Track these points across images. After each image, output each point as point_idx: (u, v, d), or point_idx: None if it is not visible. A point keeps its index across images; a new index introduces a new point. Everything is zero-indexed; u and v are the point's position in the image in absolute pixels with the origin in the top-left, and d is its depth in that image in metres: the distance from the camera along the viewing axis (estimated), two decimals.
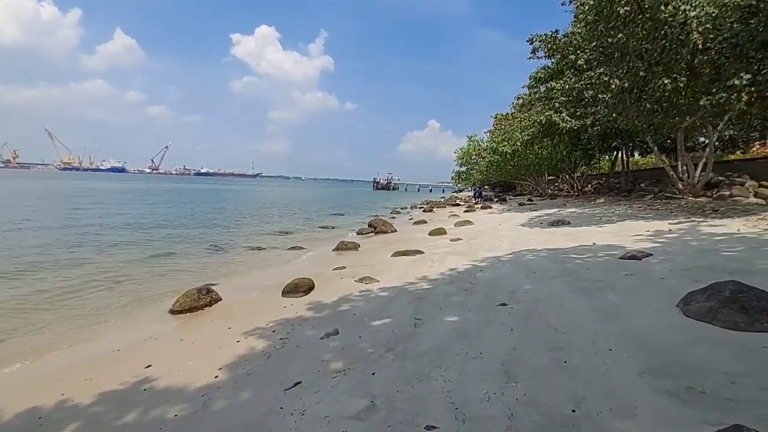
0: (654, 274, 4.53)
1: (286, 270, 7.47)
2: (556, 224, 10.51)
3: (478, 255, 7.16)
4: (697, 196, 13.01)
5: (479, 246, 8.32)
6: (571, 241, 7.62)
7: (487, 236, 9.84)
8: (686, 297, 3.37)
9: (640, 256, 5.44)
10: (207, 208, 22.01)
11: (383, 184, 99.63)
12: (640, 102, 8.42)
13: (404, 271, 6.44)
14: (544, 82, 19.48)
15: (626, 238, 7.26)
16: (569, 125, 14.39)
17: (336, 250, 9.79)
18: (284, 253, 9.53)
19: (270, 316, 4.58)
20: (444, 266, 6.43)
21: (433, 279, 5.62)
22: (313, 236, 12.79)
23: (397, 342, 3.35)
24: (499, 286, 4.81)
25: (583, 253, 6.18)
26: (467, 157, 31.07)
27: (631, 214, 10.95)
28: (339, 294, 5.27)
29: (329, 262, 8.12)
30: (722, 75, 7.52)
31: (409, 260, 7.44)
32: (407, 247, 9.15)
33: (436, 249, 8.54)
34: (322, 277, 6.52)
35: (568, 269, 5.22)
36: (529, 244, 7.75)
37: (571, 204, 17.32)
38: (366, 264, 7.47)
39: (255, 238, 11.89)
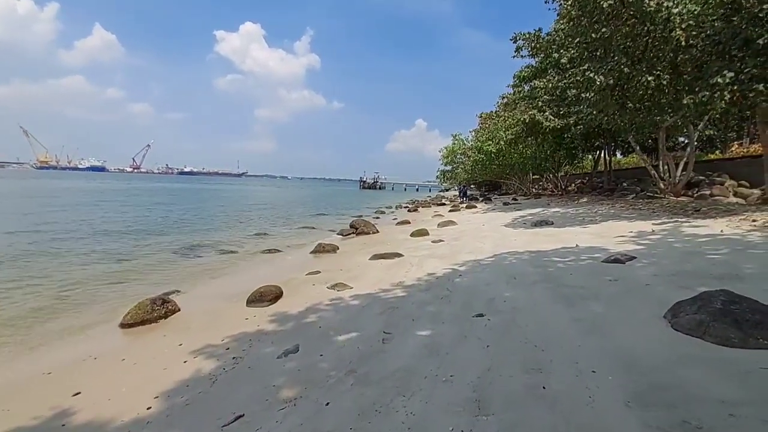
0: (638, 279, 4.29)
1: (256, 276, 7.04)
2: (540, 225, 10.33)
3: (458, 258, 6.87)
4: (678, 195, 13.03)
5: (461, 248, 8.03)
6: (553, 242, 7.40)
7: (470, 237, 9.58)
8: (674, 307, 3.11)
9: (623, 259, 5.22)
10: (183, 209, 21.25)
11: (370, 184, 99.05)
12: (623, 99, 8.27)
13: (380, 276, 6.10)
14: (528, 81, 19.41)
15: (609, 239, 7.06)
16: (553, 124, 14.28)
17: (313, 253, 9.39)
18: (258, 257, 9.08)
19: (228, 329, 4.18)
20: (422, 271, 6.11)
21: (409, 285, 5.29)
22: (291, 238, 12.34)
23: (361, 361, 3.00)
24: (477, 293, 4.51)
25: (565, 256, 5.94)
26: (452, 156, 30.91)
27: (614, 214, 10.85)
28: (308, 303, 4.90)
29: (304, 266, 7.72)
30: (705, 73, 7.39)
31: (387, 264, 7.11)
32: (387, 249, 8.83)
33: (416, 251, 8.23)
34: (293, 284, 6.14)
35: (549, 274, 4.96)
36: (511, 246, 7.50)
37: (555, 203, 17.27)
38: (342, 268, 7.11)
39: (230, 241, 11.37)
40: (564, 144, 18.38)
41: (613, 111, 8.30)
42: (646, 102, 8.32)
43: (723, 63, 7.16)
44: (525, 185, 29.82)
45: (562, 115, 14.53)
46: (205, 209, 21.80)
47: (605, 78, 7.95)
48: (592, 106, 8.95)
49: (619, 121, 10.33)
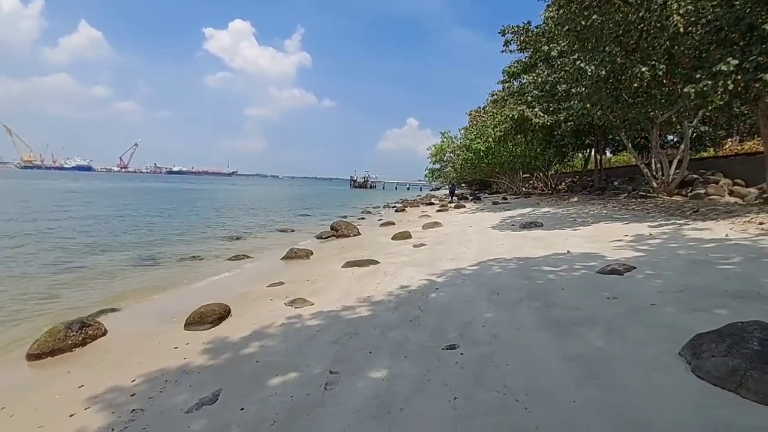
0: (641, 296, 3.63)
1: (211, 288, 6.28)
2: (528, 227, 9.69)
3: (438, 266, 6.17)
4: (671, 194, 12.52)
5: (442, 254, 7.35)
6: (543, 247, 6.75)
7: (454, 241, 8.90)
8: (693, 343, 2.43)
9: (621, 269, 4.56)
10: (157, 210, 20.25)
11: (360, 183, 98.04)
12: (617, 92, 7.66)
13: (348, 288, 5.38)
14: (517, 77, 18.84)
15: (604, 244, 6.43)
16: (542, 121, 13.68)
17: (284, 259, 8.64)
18: (222, 265, 8.29)
19: (149, 363, 3.42)
20: (396, 282, 5.40)
21: (377, 301, 4.57)
22: (265, 242, 11.55)
23: (288, 420, 2.27)
24: (452, 313, 3.81)
25: (556, 265, 5.27)
26: (441, 154, 30.25)
27: (606, 215, 10.26)
28: (256, 325, 4.16)
29: (269, 275, 6.96)
30: (706, 61, 6.79)
31: (360, 273, 6.38)
32: (364, 254, 8.12)
33: (394, 257, 7.52)
34: (248, 299, 5.39)
35: (538, 288, 4.28)
36: (496, 252, 6.83)
37: (545, 203, 16.71)
38: (309, 278, 6.37)
39: (197, 245, 10.55)
40: (554, 142, 17.84)
41: (607, 105, 7.68)
42: (641, 95, 7.71)
43: (725, 51, 6.56)
44: (515, 184, 29.32)
45: (552, 111, 13.96)
46: (181, 210, 20.81)
47: (597, 69, 7.32)
48: (584, 99, 8.33)
49: (612, 116, 9.74)
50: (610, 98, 7.72)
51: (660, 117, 8.62)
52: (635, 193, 14.21)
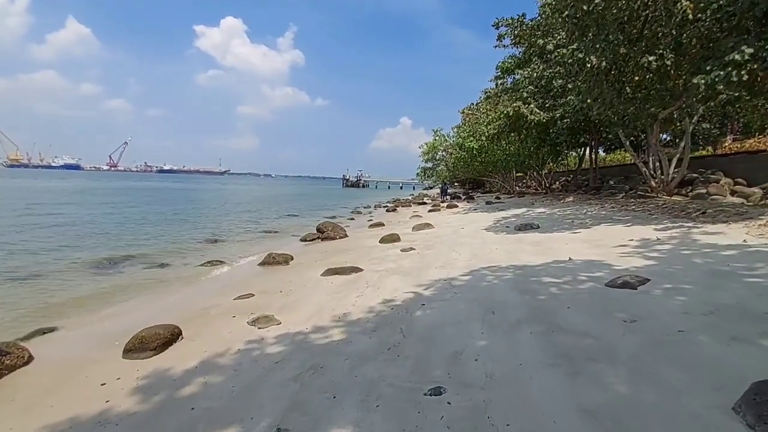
0: (665, 320, 3.04)
1: (169, 301, 5.61)
2: (524, 229, 9.11)
3: (426, 275, 5.55)
4: (671, 194, 12.05)
5: (432, 260, 6.73)
6: (541, 253, 6.16)
7: (445, 245, 8.28)
8: (756, 398, 1.83)
9: (634, 282, 3.97)
10: (134, 212, 19.40)
11: (353, 182, 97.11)
12: (619, 84, 7.10)
13: (323, 303, 4.73)
14: (511, 73, 18.29)
15: (608, 250, 5.86)
16: (538, 118, 13.13)
17: (262, 265, 7.96)
18: (190, 272, 7.59)
19: (63, 407, 2.76)
20: (378, 295, 4.77)
21: (353, 320, 3.94)
22: (244, 245, 10.85)
23: None
24: (440, 339, 3.19)
25: (558, 276, 4.67)
26: (433, 153, 29.66)
27: (605, 216, 9.72)
28: (207, 352, 3.50)
29: (240, 284, 6.29)
30: (717, 50, 6.24)
31: (339, 283, 5.74)
32: (347, 260, 7.50)
33: (379, 264, 6.89)
34: (208, 316, 4.72)
35: (540, 306, 3.67)
36: (491, 258, 6.23)
37: (540, 203, 16.20)
38: (283, 289, 5.71)
39: (169, 250, 9.82)
40: (548, 140, 17.33)
41: (609, 99, 7.12)
42: (645, 88, 7.16)
43: (738, 39, 6.00)
44: (508, 183, 28.85)
45: (548, 107, 13.41)
46: (160, 211, 19.95)
47: (598, 60, 6.74)
48: (583, 94, 7.75)
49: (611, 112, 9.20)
50: (612, 92, 7.16)
51: (663, 112, 8.07)
52: (633, 192, 13.73)
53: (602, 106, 7.36)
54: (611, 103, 7.29)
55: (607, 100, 7.12)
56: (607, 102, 7.22)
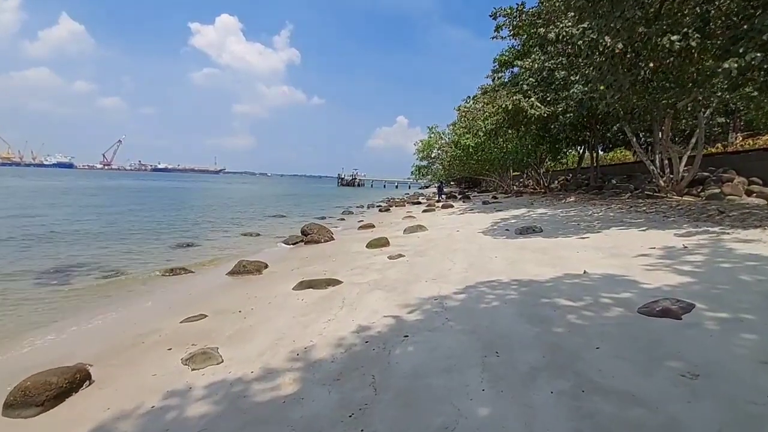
0: (741, 375, 2.15)
1: (103, 323, 4.66)
2: (526, 232, 8.24)
3: (414, 291, 4.65)
4: (681, 194, 11.24)
5: (422, 270, 5.82)
6: (549, 264, 5.27)
7: (438, 251, 7.39)
8: None
9: (676, 309, 3.09)
10: (115, 210, 18.37)
11: (348, 181, 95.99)
12: (636, 69, 6.23)
13: (284, 330, 3.81)
14: (510, 66, 17.42)
15: (628, 261, 4.98)
16: (538, 112, 12.25)
17: (231, 274, 7.04)
18: (146, 283, 6.63)
19: None
20: (352, 320, 3.86)
21: (314, 361, 3.03)
22: (219, 250, 9.88)
23: None
24: (423, 399, 2.28)
25: (574, 296, 3.78)
26: (428, 151, 28.74)
27: (614, 218, 8.86)
28: (108, 411, 2.59)
29: (195, 301, 5.37)
30: (751, 30, 5.37)
31: (311, 300, 4.82)
32: (326, 270, 6.60)
33: (362, 275, 5.98)
34: (140, 348, 3.79)
35: (558, 345, 2.78)
36: (490, 269, 5.34)
37: (540, 203, 15.34)
38: (243, 307, 4.78)
39: (135, 255, 8.86)
40: (549, 136, 16.47)
41: (625, 87, 6.23)
42: (664, 73, 6.30)
43: None
44: (505, 182, 28.02)
45: (549, 101, 12.54)
46: (141, 211, 18.89)
47: (613, 40, 5.85)
48: (594, 81, 6.85)
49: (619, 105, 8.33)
50: (628, 78, 6.28)
51: (682, 102, 7.20)
52: (639, 192, 12.90)
53: (616, 93, 6.48)
54: (626, 91, 6.41)
55: (623, 87, 6.25)
56: (622, 90, 6.35)
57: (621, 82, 6.21)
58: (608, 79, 6.39)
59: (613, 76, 6.33)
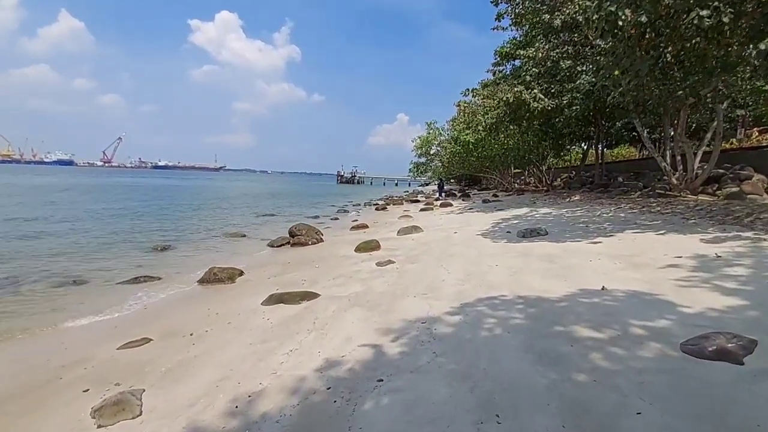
0: None
1: (26, 350, 3.91)
2: (530, 235, 7.48)
3: (399, 310, 3.90)
4: (695, 193, 10.47)
5: (412, 280, 5.08)
6: (559, 275, 4.52)
7: (432, 256, 6.64)
8: None
9: (734, 347, 2.35)
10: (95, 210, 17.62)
11: (347, 178, 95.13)
12: (657, 51, 5.44)
13: (234, 366, 3.07)
14: (512, 58, 16.59)
15: (654, 273, 4.22)
16: (542, 105, 11.45)
17: (201, 283, 6.31)
18: (102, 294, 5.88)
19: None
20: (318, 352, 3.11)
21: (255, 421, 2.28)
22: (196, 253, 9.11)
23: None
24: None
25: (595, 323, 3.03)
26: (426, 147, 27.92)
27: (626, 219, 8.10)
28: None
29: (148, 318, 4.64)
30: None
31: (278, 319, 4.09)
32: (305, 279, 5.89)
33: (344, 285, 5.24)
34: (54, 386, 3.06)
35: (584, 405, 2.02)
36: (490, 282, 4.59)
37: (542, 202, 14.57)
38: (195, 330, 4.03)
39: (100, 259, 8.11)
40: (552, 132, 15.68)
41: (644, 71, 5.43)
42: (690, 55, 5.52)
43: None
44: (506, 180, 27.22)
45: (554, 93, 11.74)
46: (120, 208, 18.09)
47: (634, 14, 5.06)
48: (608, 66, 6.05)
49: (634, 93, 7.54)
50: (647, 62, 5.49)
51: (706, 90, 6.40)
52: (649, 191, 12.12)
53: (633, 80, 5.68)
54: (644, 77, 5.62)
55: (641, 72, 5.47)
56: (639, 75, 5.56)
57: (639, 67, 5.43)
58: (624, 63, 5.60)
59: (629, 60, 5.55)
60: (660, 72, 5.90)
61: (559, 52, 11.32)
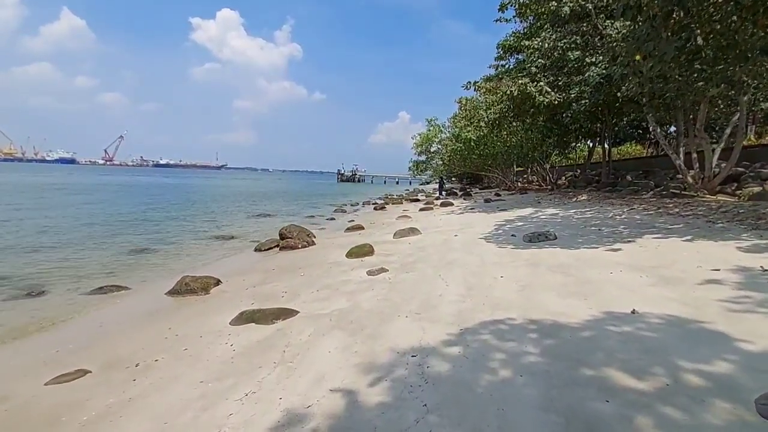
0: None
1: None
2: (537, 240, 6.80)
3: (386, 336, 3.25)
4: (714, 192, 9.78)
5: (405, 295, 4.42)
6: (577, 292, 3.85)
7: (430, 263, 5.98)
8: None
9: None
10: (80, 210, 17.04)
11: (348, 176, 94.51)
12: (686, 32, 4.76)
13: (169, 416, 2.42)
14: (515, 52, 15.87)
15: (690, 290, 3.55)
16: (548, 99, 10.75)
17: (171, 294, 5.66)
18: (63, 303, 5.26)
19: None
20: (280, 398, 2.46)
21: None
22: (179, 258, 8.47)
23: None
24: None
25: (632, 366, 2.36)
26: (426, 145, 27.19)
27: (642, 222, 7.42)
28: None
29: (98, 339, 4.00)
30: None
31: (242, 347, 3.43)
32: (286, 290, 5.26)
33: (327, 300, 4.59)
34: None
35: None
36: (496, 299, 3.92)
37: (547, 201, 13.88)
38: (145, 358, 3.39)
39: (74, 262, 7.49)
40: (557, 128, 14.96)
41: (669, 52, 4.74)
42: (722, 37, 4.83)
43: None
44: (508, 178, 26.49)
45: (561, 87, 11.04)
46: (109, 208, 17.50)
47: None
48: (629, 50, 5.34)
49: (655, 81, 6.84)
50: (674, 44, 4.80)
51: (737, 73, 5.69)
52: (661, 190, 11.42)
53: (656, 65, 4.98)
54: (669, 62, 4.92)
55: (666, 56, 4.78)
56: (664, 60, 4.86)
57: (664, 50, 4.74)
58: (647, 46, 4.91)
59: (653, 43, 4.85)
60: (687, 57, 5.20)
61: (567, 42, 10.61)
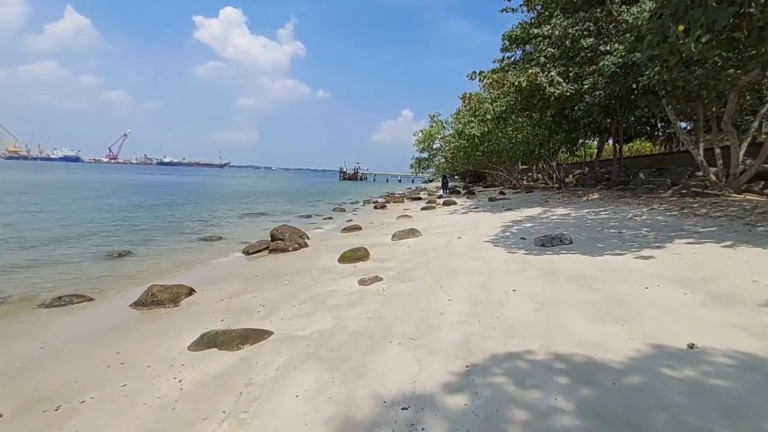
0: None
1: None
2: (551, 244, 6.07)
3: (372, 373, 2.56)
4: (740, 191, 9.00)
5: (400, 313, 3.72)
6: (608, 313, 3.14)
7: (431, 270, 5.28)
8: None
9: None
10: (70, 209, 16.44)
11: (350, 175, 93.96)
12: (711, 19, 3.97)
13: None
14: (522, 43, 15.08)
15: (752, 313, 2.83)
16: (560, 90, 9.98)
17: (134, 306, 4.99)
18: (13, 317, 4.61)
19: None
20: None
21: None
22: (158, 262, 7.79)
23: None
24: None
25: None
26: (429, 141, 26.42)
27: (668, 224, 6.67)
28: None
29: (33, 367, 3.34)
30: None
31: (194, 384, 2.75)
32: (266, 301, 4.61)
33: (308, 317, 3.90)
34: None
35: None
36: (509, 321, 3.22)
37: (556, 200, 13.12)
38: (71, 398, 2.72)
39: (42, 266, 6.86)
40: (567, 123, 14.17)
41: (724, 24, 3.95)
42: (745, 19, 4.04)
43: None
44: (513, 176, 25.69)
45: (573, 77, 10.26)
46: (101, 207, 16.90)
47: None
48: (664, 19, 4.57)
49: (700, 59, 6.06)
50: (728, 10, 3.98)
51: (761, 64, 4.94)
52: (680, 188, 10.63)
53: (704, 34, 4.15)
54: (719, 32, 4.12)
55: (718, 25, 3.98)
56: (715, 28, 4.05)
57: (715, 17, 3.94)
58: (694, 13, 4.11)
59: (700, 10, 4.05)
60: (739, 25, 4.38)
61: (579, 30, 9.84)
